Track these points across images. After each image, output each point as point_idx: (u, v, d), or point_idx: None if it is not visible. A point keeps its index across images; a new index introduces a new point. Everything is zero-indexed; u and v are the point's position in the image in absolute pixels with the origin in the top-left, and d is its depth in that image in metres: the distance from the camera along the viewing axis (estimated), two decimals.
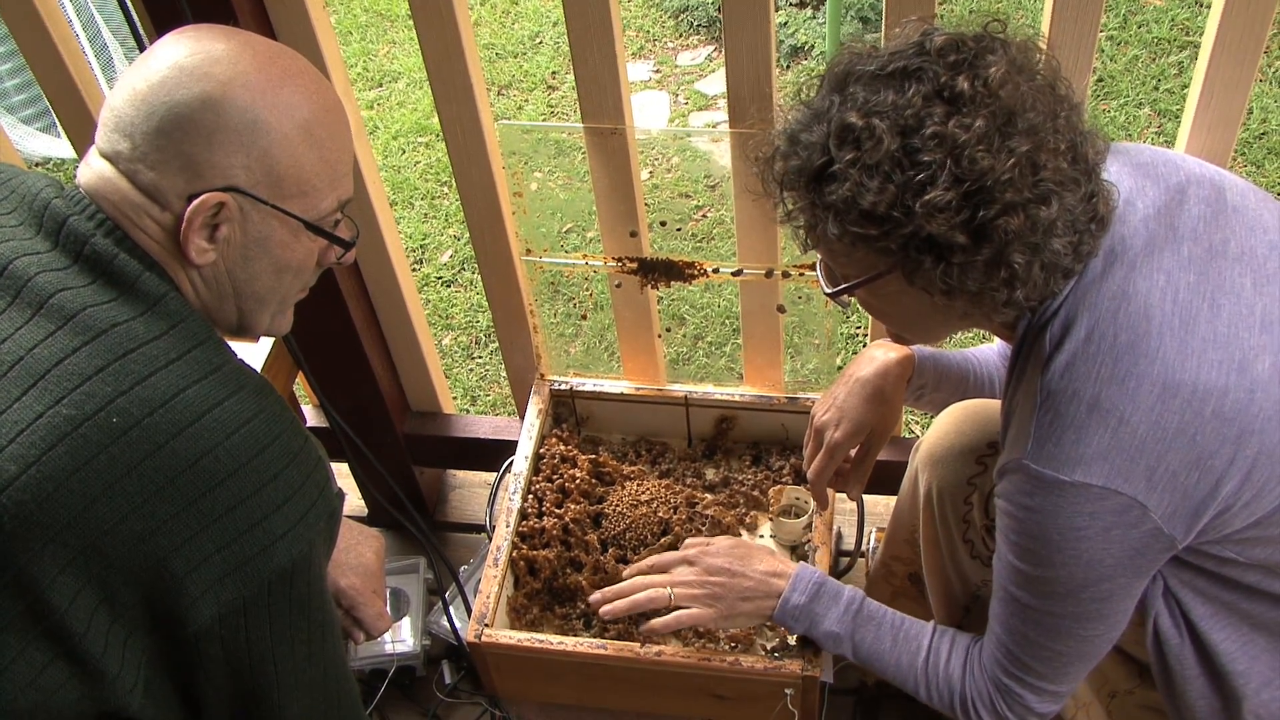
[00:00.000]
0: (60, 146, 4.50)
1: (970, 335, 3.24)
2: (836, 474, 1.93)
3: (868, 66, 1.36)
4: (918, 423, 3.28)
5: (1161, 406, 1.34)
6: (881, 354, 1.87)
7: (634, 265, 2.17)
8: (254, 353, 2.19)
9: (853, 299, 1.51)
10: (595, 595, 1.96)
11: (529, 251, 2.19)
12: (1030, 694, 1.59)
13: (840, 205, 1.34)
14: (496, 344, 3.61)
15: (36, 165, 4.52)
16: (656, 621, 1.90)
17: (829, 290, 1.49)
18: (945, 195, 1.29)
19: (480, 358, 3.76)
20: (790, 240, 1.52)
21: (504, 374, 3.40)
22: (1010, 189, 1.30)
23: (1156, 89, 4.30)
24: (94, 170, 1.35)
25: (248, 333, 1.47)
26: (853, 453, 1.91)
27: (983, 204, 1.30)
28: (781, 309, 2.20)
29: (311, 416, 2.69)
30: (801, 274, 2.11)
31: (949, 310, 1.45)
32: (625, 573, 1.95)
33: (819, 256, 1.50)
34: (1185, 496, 1.38)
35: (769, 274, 2.12)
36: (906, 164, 1.30)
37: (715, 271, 2.14)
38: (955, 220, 1.30)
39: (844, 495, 2.00)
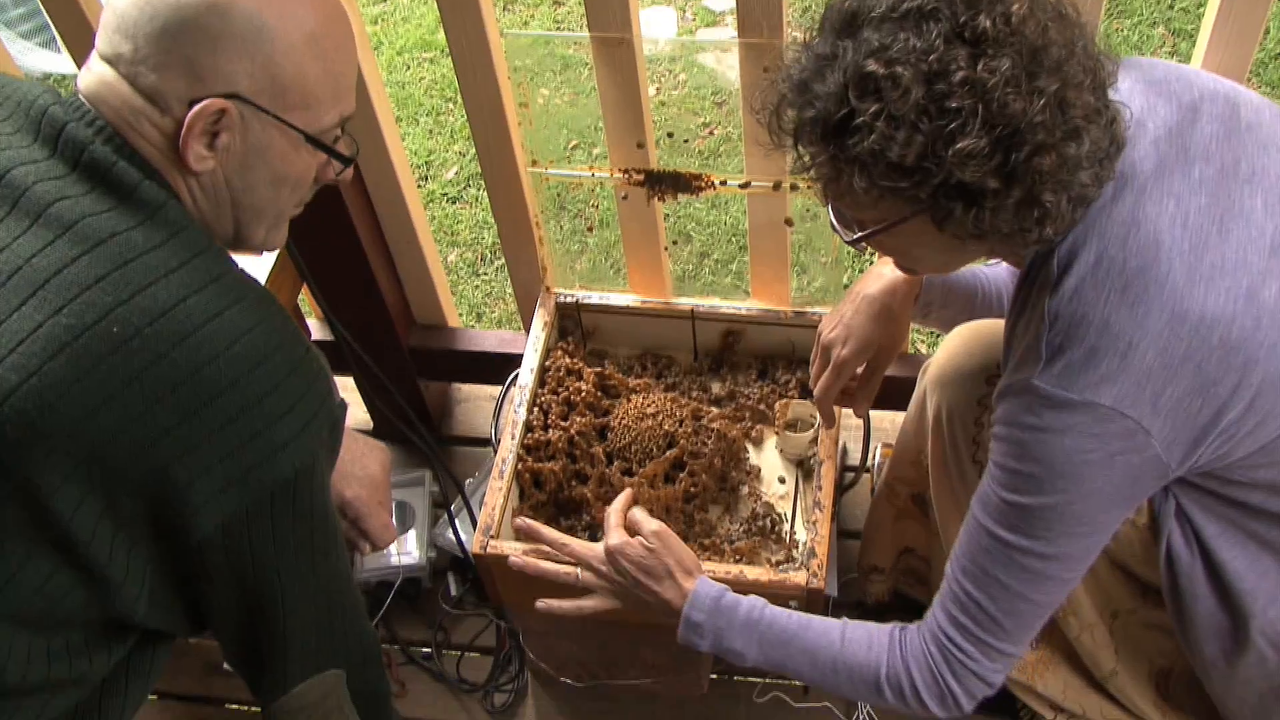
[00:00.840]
0: (60, 61, 4.45)
1: None
2: (843, 391, 1.91)
3: (876, 8, 1.30)
4: (924, 340, 3.26)
5: (1169, 334, 1.32)
6: (889, 271, 1.85)
7: (640, 177, 2.14)
8: (258, 265, 2.17)
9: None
10: (523, 524, 1.94)
11: (534, 163, 2.16)
12: (985, 658, 1.54)
13: (866, 158, 1.28)
14: (502, 261, 3.60)
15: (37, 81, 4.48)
16: (554, 603, 1.88)
17: (849, 239, 1.44)
18: (977, 142, 1.25)
19: (485, 274, 3.74)
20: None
21: (509, 290, 3.38)
22: (1042, 130, 1.26)
23: (1171, 7, 4.24)
24: (94, 74, 1.33)
25: (243, 245, 1.45)
26: (859, 370, 1.90)
27: (1015, 147, 1.26)
28: (789, 222, 2.17)
29: (316, 330, 2.68)
30: (809, 187, 2.08)
31: (976, 249, 1.43)
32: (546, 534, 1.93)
33: (830, 202, 1.45)
34: (1187, 424, 1.36)
35: (777, 186, 2.09)
36: (935, 112, 1.25)
37: (723, 184, 2.11)
38: (987, 166, 1.26)
39: (850, 411, 1.98)
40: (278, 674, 1.49)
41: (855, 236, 1.43)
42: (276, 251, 1.97)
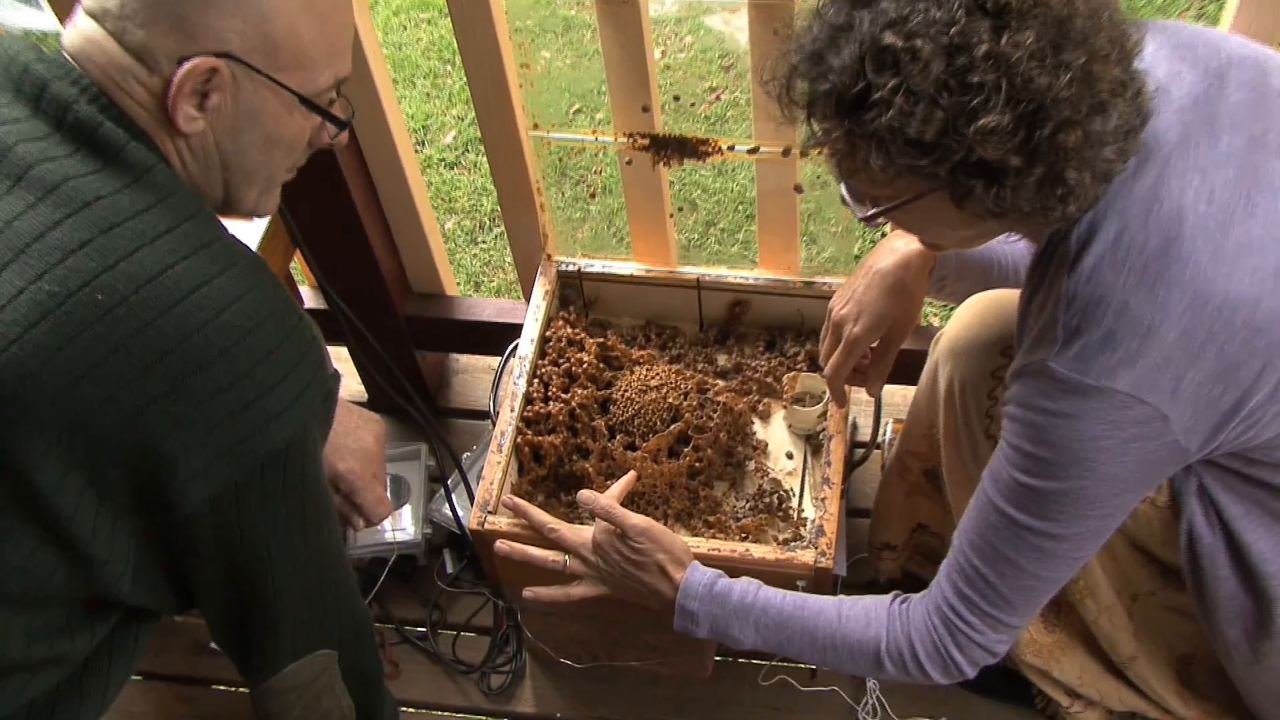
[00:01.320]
0: (42, 18, 4.41)
1: None
2: (855, 369, 1.90)
3: None
4: (936, 314, 3.25)
5: (1191, 316, 1.30)
6: (902, 245, 1.83)
7: (645, 142, 2.12)
8: (249, 231, 2.15)
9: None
10: (512, 502, 1.95)
11: (536, 126, 2.15)
12: (990, 630, 1.55)
13: (883, 134, 1.26)
14: (501, 228, 3.59)
15: (18, 38, 4.44)
16: (542, 591, 1.89)
17: (862, 216, 1.42)
18: (1000, 119, 1.22)
19: (484, 242, 3.73)
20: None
21: (509, 259, 3.37)
22: (1067, 106, 1.23)
23: None
24: (79, 30, 1.31)
25: (232, 210, 1.44)
26: (872, 347, 1.88)
27: (1039, 124, 1.23)
28: (798, 189, 2.16)
29: (309, 298, 2.67)
30: (820, 153, 2.06)
31: (995, 227, 1.41)
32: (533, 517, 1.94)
33: (843, 178, 1.43)
34: (1208, 410, 1.34)
35: (786, 152, 2.08)
36: (956, 87, 1.22)
37: (730, 149, 2.09)
38: (1010, 143, 1.24)
39: (861, 391, 1.97)
40: (267, 653, 1.49)
41: (869, 213, 1.41)
42: (268, 217, 1.96)
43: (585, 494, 1.87)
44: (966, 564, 1.54)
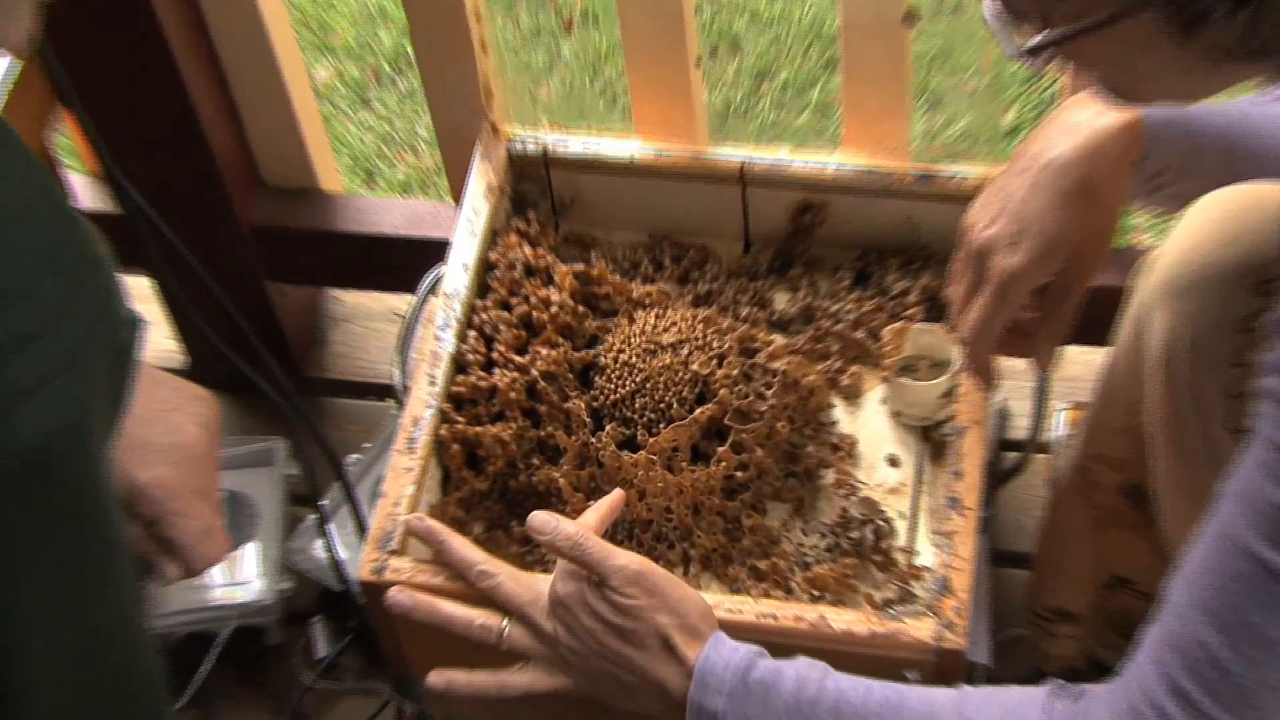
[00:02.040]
0: None
1: None
2: (1011, 328, 1.88)
3: None
4: (1144, 228, 3.25)
5: None
6: (1088, 118, 1.80)
7: None
8: None
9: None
10: (421, 525, 1.96)
11: None
12: None
13: None
14: (413, 82, 3.59)
15: None
16: (459, 677, 1.90)
17: (1018, 49, 1.41)
18: None
19: (383, 104, 3.76)
20: None
21: (424, 132, 3.37)
22: None
23: None
24: None
25: None
26: (1040, 289, 1.86)
27: None
28: (911, 19, 2.16)
29: (87, 194, 2.66)
30: None
31: (1240, 73, 1.39)
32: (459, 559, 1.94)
33: None
34: None
35: None
36: None
37: None
38: None
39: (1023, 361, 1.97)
40: None
41: (1034, 43, 1.40)
42: (15, 58, 1.96)
43: (540, 517, 1.85)
44: (1189, 636, 1.52)
